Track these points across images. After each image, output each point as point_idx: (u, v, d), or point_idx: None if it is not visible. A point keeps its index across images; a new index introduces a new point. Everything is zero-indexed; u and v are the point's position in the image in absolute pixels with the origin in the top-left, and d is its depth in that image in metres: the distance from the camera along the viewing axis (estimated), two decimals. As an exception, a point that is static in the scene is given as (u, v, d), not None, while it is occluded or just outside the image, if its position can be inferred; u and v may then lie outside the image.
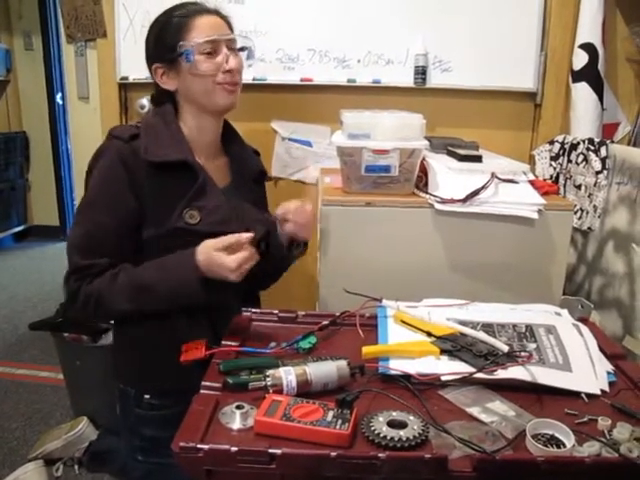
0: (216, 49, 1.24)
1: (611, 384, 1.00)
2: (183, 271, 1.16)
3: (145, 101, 2.12)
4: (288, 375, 0.92)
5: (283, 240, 1.34)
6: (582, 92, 1.97)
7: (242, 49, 1.32)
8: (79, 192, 2.53)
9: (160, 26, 1.27)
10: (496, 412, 0.90)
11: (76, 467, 2.16)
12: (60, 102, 4.90)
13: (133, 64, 2.14)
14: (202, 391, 0.94)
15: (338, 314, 1.23)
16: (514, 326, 1.15)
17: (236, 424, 0.85)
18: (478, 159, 1.54)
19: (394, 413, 0.87)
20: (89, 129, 2.26)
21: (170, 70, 1.26)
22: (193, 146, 1.27)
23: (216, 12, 1.29)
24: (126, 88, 2.23)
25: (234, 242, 1.13)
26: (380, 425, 0.84)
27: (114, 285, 1.17)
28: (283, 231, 1.33)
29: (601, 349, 1.10)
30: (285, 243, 1.35)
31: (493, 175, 1.42)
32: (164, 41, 1.25)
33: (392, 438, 0.81)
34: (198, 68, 1.23)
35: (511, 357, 1.02)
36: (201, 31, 1.23)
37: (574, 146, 1.84)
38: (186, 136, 1.27)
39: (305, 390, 0.92)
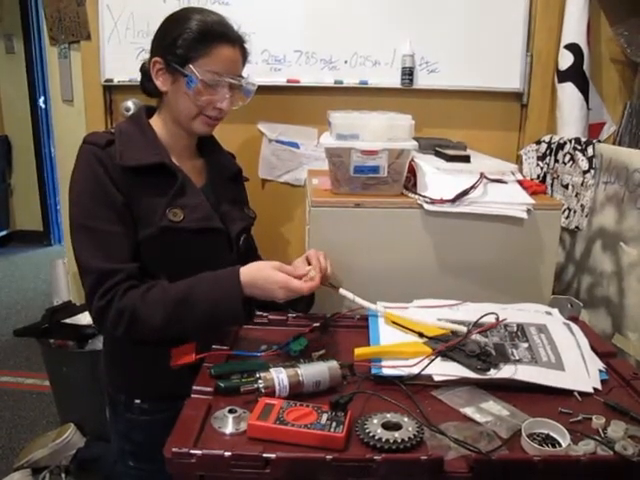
0: (219, 85, 1.21)
1: (603, 382, 1.00)
2: (227, 284, 1.12)
3: (130, 103, 2.10)
4: (279, 374, 0.91)
5: None
6: (568, 92, 1.98)
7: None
8: (63, 196, 2.50)
9: (179, 26, 1.20)
10: (490, 412, 0.90)
11: (63, 475, 2.14)
12: (42, 105, 4.86)
13: (118, 66, 2.11)
14: (193, 395, 0.93)
15: (329, 316, 1.23)
16: (505, 326, 1.15)
17: (229, 429, 0.84)
18: (466, 159, 1.55)
19: (388, 415, 0.86)
20: (73, 132, 2.22)
21: (167, 73, 1.22)
22: (169, 148, 1.26)
23: (239, 43, 1.24)
24: (111, 90, 2.20)
25: (301, 274, 1.14)
26: (374, 427, 0.83)
27: (149, 298, 1.11)
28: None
29: (592, 347, 1.10)
30: None
31: (482, 175, 1.43)
32: (175, 45, 1.19)
33: (387, 440, 0.80)
34: (194, 96, 1.20)
35: (503, 355, 1.02)
36: (215, 63, 1.20)
37: (561, 146, 1.85)
38: (162, 138, 1.26)
39: (297, 391, 0.92)
